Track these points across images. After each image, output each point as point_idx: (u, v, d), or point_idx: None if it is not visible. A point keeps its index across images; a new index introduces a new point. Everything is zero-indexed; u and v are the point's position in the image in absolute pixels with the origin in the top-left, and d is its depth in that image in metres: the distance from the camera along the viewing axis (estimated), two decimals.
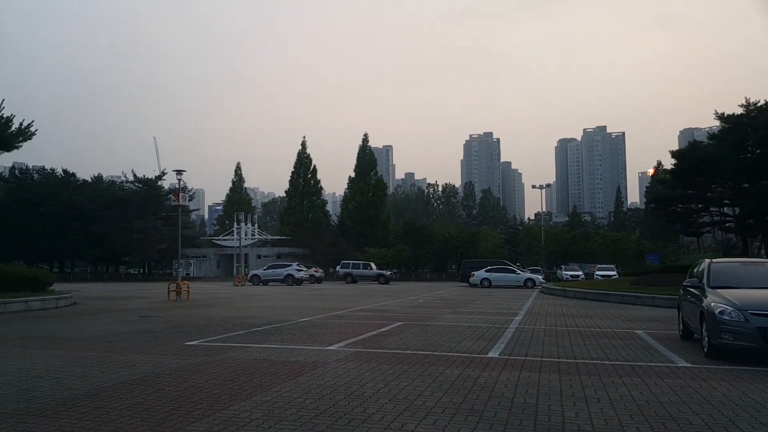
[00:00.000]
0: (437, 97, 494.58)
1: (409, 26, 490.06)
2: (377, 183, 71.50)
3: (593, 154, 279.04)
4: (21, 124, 19.00)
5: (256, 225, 72.29)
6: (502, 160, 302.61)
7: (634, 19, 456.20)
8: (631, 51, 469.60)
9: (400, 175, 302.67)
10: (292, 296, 26.55)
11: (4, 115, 18.66)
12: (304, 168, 72.02)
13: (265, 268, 46.66)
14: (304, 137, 73.06)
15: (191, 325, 13.11)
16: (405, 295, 29.33)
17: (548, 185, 63.26)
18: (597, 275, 52.65)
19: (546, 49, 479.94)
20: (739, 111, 38.60)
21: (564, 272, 54.52)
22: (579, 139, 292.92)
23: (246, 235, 67.58)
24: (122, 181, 66.52)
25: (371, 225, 69.32)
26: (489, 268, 41.35)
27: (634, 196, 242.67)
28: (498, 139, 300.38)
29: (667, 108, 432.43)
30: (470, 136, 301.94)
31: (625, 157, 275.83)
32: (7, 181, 63.34)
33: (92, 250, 58.72)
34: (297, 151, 72.53)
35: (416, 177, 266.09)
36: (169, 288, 23.17)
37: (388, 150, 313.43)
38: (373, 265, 50.37)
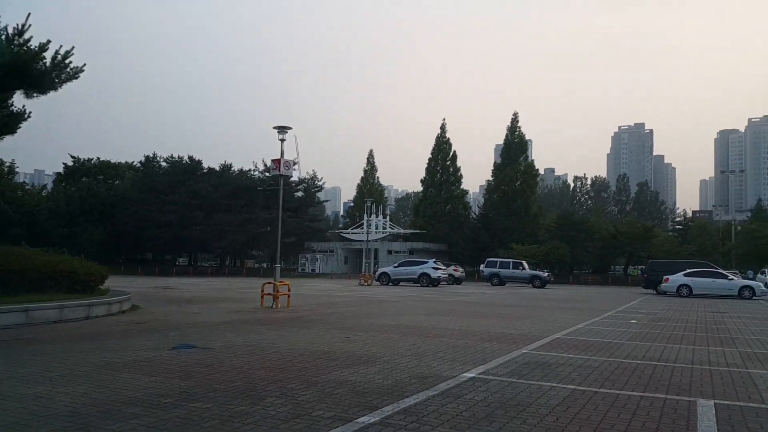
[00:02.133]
0: (582, 89, 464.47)
1: (555, 12, 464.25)
2: (527, 169, 61.81)
3: (759, 145, 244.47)
4: (57, 53, 13.19)
5: (387, 217, 66.14)
6: (654, 153, 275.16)
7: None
8: None
9: (540, 170, 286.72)
10: (434, 305, 19.10)
11: (31, 43, 13.03)
12: (442, 154, 64.39)
13: (396, 265, 39.69)
14: (444, 120, 65.32)
15: (233, 387, 6.02)
16: (587, 306, 20.82)
17: (741, 171, 50.17)
18: None
19: (703, 35, 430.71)
20: None
21: None
22: (742, 130, 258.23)
23: (377, 228, 61.62)
24: (250, 170, 63.24)
25: (519, 218, 60.11)
26: (689, 271, 31.04)
27: None
28: (651, 131, 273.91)
29: None
30: (619, 127, 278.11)
31: None
32: (137, 171, 62.94)
33: (217, 242, 55.90)
34: (435, 135, 65.15)
35: (557, 173, 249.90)
36: (263, 290, 16.70)
37: (528, 143, 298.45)
38: (525, 265, 41.63)
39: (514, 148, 61.58)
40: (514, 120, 62.34)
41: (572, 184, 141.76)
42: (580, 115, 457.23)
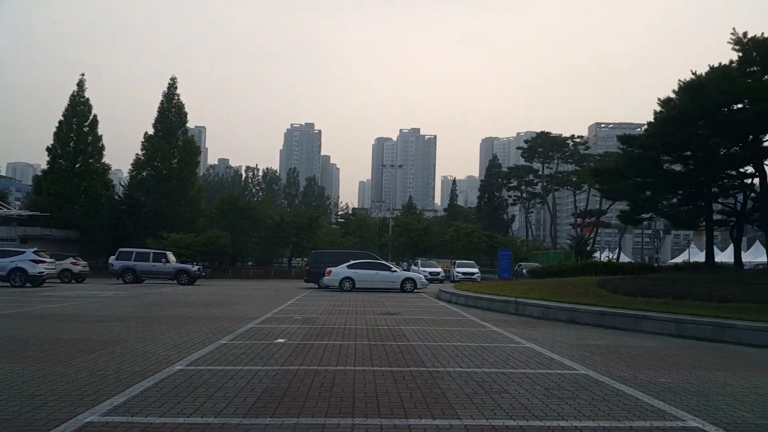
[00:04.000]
0: (259, 85, 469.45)
1: (237, 11, 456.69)
2: (186, 144, 52.66)
3: (407, 153, 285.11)
4: None
5: None
6: (322, 153, 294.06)
7: (445, 33, 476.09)
8: (442, 62, 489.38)
9: (213, 160, 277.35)
10: None
11: None
12: (79, 118, 50.73)
13: None
14: (83, 75, 51.80)
15: None
16: (228, 313, 14.36)
17: (400, 166, 51.58)
18: (457, 273, 42.47)
19: (368, 52, 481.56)
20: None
21: (456, 270, 43.10)
22: (395, 139, 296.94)
23: None
24: None
25: (174, 202, 51.19)
26: (353, 263, 27.62)
27: (437, 198, 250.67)
28: (320, 131, 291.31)
29: (470, 118, 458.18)
30: (291, 125, 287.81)
31: (435, 159, 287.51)
32: None
33: None
34: (72, 93, 51.13)
35: (232, 164, 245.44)
36: None
37: (201, 131, 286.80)
38: (170, 257, 33.66)
39: (171, 117, 51.90)
40: (172, 86, 52.69)
41: (244, 175, 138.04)
42: (257, 110, 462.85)
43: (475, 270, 43.00)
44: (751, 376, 7.38)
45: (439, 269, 44.11)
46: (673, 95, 20.46)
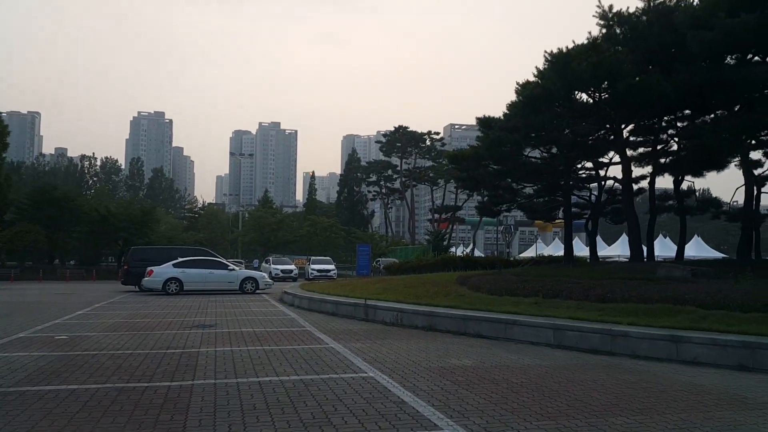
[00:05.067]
0: (103, 70, 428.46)
1: None
2: None
3: (267, 148, 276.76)
4: None
5: None
6: (174, 144, 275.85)
7: (304, 29, 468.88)
8: (301, 58, 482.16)
9: (49, 149, 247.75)
10: None
11: None
12: None
13: None
14: None
15: None
16: None
17: (250, 154, 47.47)
18: (312, 271, 39.67)
19: (226, 42, 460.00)
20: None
21: (311, 267, 39.61)
22: (254, 132, 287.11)
23: None
24: None
25: None
26: (181, 260, 23.27)
27: (298, 195, 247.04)
28: (170, 120, 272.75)
29: (332, 116, 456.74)
30: (139, 112, 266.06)
31: (296, 154, 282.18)
32: None
33: None
34: None
35: (71, 154, 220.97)
36: None
37: (34, 117, 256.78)
38: None
39: None
40: None
41: (79, 164, 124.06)
42: (101, 97, 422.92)
43: (332, 267, 40.15)
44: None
45: (292, 266, 40.67)
46: (533, 78, 18.97)
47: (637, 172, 21.95)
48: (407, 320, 11.72)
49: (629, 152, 19.37)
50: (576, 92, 17.60)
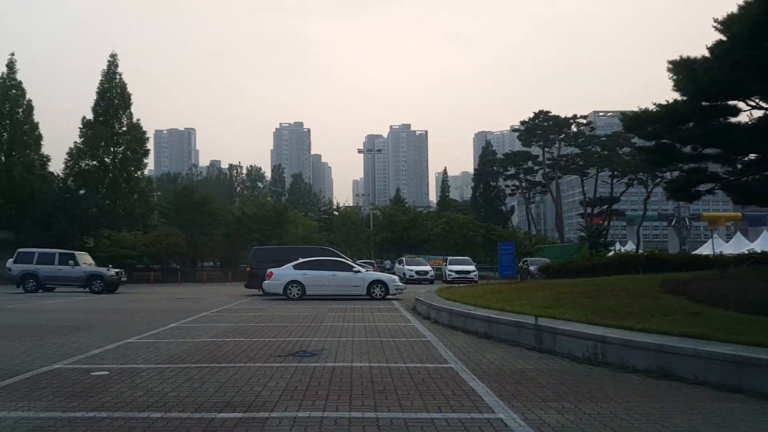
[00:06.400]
0: (247, 85, 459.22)
1: (216, 13, 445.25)
2: (132, 130, 45.19)
3: (399, 150, 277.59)
4: None
5: None
6: (312, 152, 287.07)
7: (429, 32, 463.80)
8: (428, 59, 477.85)
9: (205, 162, 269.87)
10: None
11: None
12: (11, 103, 43.66)
13: None
14: (12, 54, 44.39)
15: None
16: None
17: (378, 150, 44.48)
18: (450, 272, 35.69)
19: (355, 51, 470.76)
20: None
21: (448, 268, 36.29)
22: (385, 135, 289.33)
23: None
24: None
25: (122, 196, 44.05)
26: (301, 261, 20.44)
27: (431, 195, 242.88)
28: (309, 130, 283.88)
29: (462, 114, 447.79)
30: (281, 124, 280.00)
31: (427, 155, 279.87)
32: None
33: None
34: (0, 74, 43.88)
35: (223, 165, 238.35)
36: None
37: (190, 133, 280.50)
38: (81, 258, 26.65)
39: (112, 100, 44.27)
40: (112, 63, 44.65)
41: (228, 173, 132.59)
42: (248, 113, 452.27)
43: (472, 268, 36.01)
44: None
45: (427, 267, 37.10)
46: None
47: None
48: (616, 356, 7.22)
49: None
50: None
